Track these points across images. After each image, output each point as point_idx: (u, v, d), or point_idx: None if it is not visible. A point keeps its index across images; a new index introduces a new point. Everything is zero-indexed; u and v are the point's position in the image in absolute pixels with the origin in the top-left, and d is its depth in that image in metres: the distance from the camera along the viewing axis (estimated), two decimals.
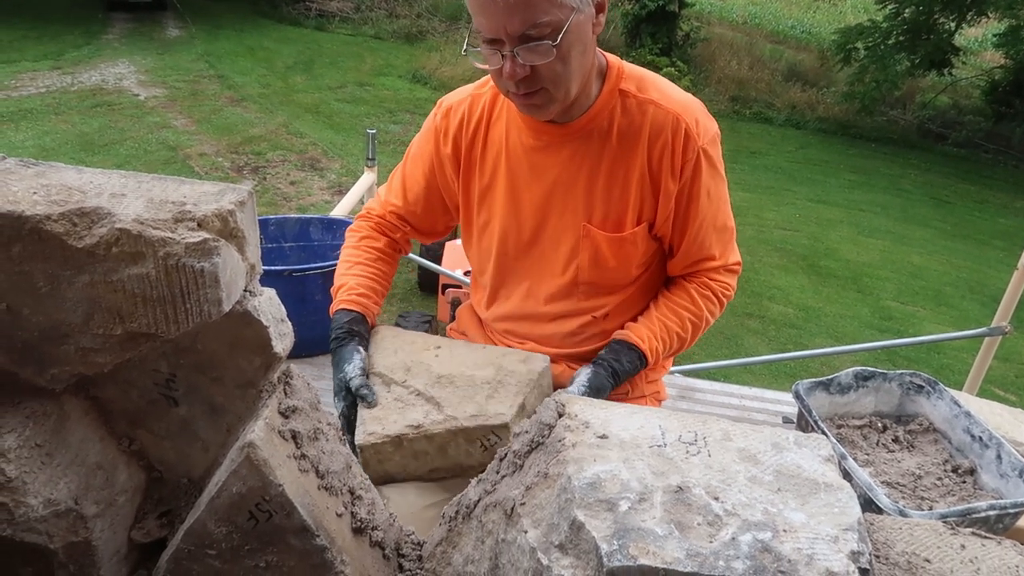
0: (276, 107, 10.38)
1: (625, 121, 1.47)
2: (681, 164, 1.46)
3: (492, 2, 1.24)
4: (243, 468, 0.91)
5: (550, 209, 1.55)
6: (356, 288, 1.60)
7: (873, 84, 13.03)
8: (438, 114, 1.65)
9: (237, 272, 0.91)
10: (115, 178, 0.91)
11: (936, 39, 13.14)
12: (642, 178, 1.48)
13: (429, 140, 1.65)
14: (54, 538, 0.94)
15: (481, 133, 1.58)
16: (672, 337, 1.58)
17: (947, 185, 11.46)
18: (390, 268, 1.71)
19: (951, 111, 15.03)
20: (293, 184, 7.65)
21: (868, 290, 7.04)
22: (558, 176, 1.52)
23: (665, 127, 1.45)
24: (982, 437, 1.66)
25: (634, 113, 1.47)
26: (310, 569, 0.96)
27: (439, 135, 1.63)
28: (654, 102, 1.46)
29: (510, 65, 1.31)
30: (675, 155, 1.45)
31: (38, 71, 10.93)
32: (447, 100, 1.65)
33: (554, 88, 1.36)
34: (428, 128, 1.67)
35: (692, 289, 1.60)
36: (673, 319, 1.58)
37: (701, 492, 0.83)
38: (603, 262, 1.54)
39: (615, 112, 1.47)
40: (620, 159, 1.48)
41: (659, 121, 1.45)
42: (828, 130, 13.66)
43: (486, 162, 1.59)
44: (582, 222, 1.53)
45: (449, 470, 1.38)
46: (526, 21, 1.26)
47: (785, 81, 15.01)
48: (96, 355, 0.89)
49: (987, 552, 0.91)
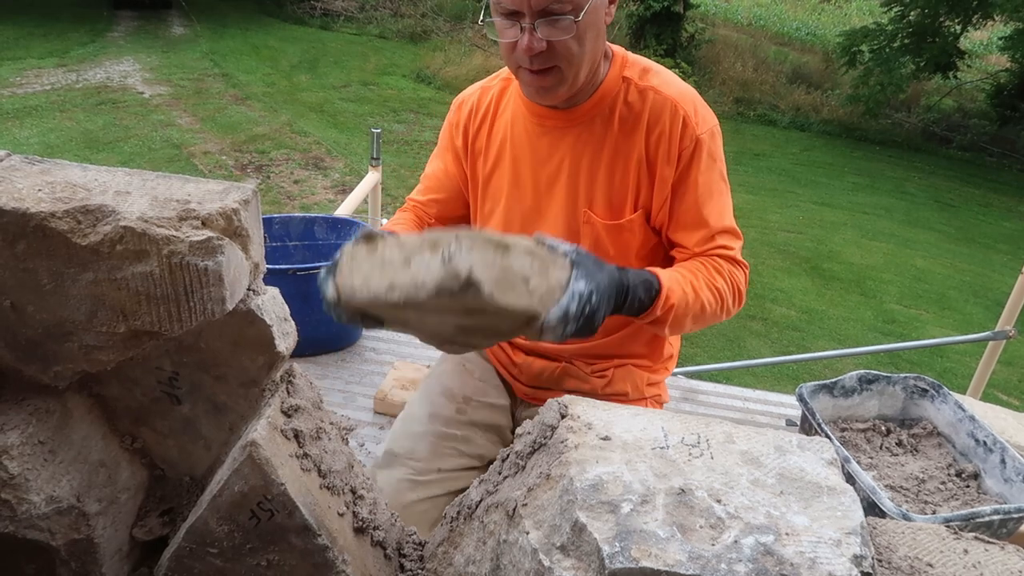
0: (280, 106, 10.39)
1: (626, 107, 1.48)
2: (678, 151, 1.46)
3: None
4: (245, 467, 0.91)
5: (552, 195, 1.57)
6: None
7: (878, 87, 13.00)
8: (453, 109, 1.71)
9: (241, 271, 0.91)
10: (120, 176, 0.92)
11: (941, 42, 13.10)
12: (639, 164, 1.49)
13: (446, 134, 1.72)
14: (56, 535, 0.94)
15: (488, 122, 1.62)
16: (688, 287, 1.39)
17: (951, 188, 11.43)
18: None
19: (956, 114, 15.00)
20: (297, 183, 7.66)
21: (872, 293, 7.03)
22: (561, 162, 1.54)
23: (663, 113, 1.46)
24: (986, 441, 1.65)
25: (635, 99, 1.48)
26: (312, 568, 0.96)
27: (453, 128, 1.70)
28: (654, 88, 1.48)
29: (528, 38, 1.33)
30: (672, 141, 1.46)
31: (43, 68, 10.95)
32: (461, 95, 1.72)
33: (567, 67, 1.38)
34: (445, 123, 1.74)
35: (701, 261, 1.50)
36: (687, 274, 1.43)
37: (704, 494, 0.83)
38: (603, 250, 1.54)
39: (618, 99, 1.49)
40: (621, 145, 1.49)
41: (658, 107, 1.46)
42: (832, 132, 13.64)
43: (491, 150, 1.62)
44: (583, 208, 1.54)
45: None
46: None
47: (789, 83, 14.99)
48: (100, 353, 0.89)
49: (990, 557, 0.91)
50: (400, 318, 1.19)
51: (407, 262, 1.10)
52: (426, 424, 1.65)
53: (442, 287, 1.06)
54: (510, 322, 1.15)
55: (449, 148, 1.71)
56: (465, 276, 1.06)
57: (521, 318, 1.13)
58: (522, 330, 1.17)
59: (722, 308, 1.47)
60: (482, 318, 1.13)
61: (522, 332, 1.18)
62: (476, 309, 1.10)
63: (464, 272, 1.06)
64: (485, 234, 1.14)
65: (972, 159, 13.28)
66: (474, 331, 1.20)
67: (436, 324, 1.19)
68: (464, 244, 1.10)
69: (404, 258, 1.11)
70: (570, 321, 1.12)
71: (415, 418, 1.68)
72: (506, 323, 1.15)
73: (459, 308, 1.10)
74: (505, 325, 1.17)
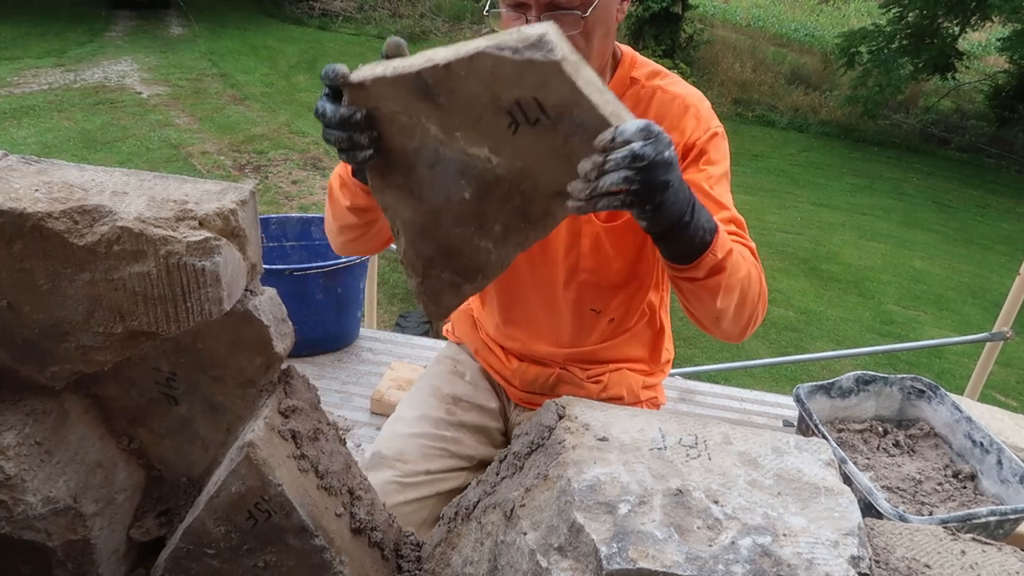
0: (279, 106, 10.38)
1: (631, 106, 1.46)
2: (685, 144, 1.43)
3: None
4: (242, 467, 0.91)
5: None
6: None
7: (876, 88, 13.02)
8: None
9: (238, 271, 0.91)
10: (117, 176, 0.91)
11: (940, 43, 13.13)
12: None
13: None
14: (53, 536, 0.94)
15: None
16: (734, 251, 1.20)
17: (949, 190, 11.45)
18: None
19: (954, 115, 15.02)
20: (295, 183, 7.65)
21: (869, 294, 7.04)
22: None
23: (670, 108, 1.44)
24: (983, 442, 1.65)
25: (641, 99, 1.46)
26: (309, 569, 0.96)
27: None
28: (662, 88, 1.46)
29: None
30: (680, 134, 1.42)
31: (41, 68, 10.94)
32: None
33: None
34: None
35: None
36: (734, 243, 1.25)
37: (701, 495, 0.83)
38: (602, 250, 1.52)
39: (624, 98, 1.46)
40: None
41: (665, 104, 1.45)
42: (831, 133, 13.66)
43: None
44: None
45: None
46: None
47: (788, 84, 15.02)
48: (96, 353, 0.89)
49: (987, 558, 0.91)
50: (413, 123, 0.94)
51: (456, 50, 0.90)
52: (415, 426, 1.64)
53: (504, 44, 0.85)
54: (562, 143, 0.91)
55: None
56: (538, 35, 0.86)
57: (583, 129, 0.90)
58: (570, 172, 0.92)
59: (760, 292, 1.29)
60: (525, 140, 0.92)
61: (564, 182, 0.93)
62: (528, 103, 0.88)
63: (538, 32, 0.86)
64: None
65: (970, 160, 13.31)
66: (496, 186, 0.97)
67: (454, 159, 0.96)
68: (538, 24, 0.89)
69: (452, 50, 0.90)
70: (651, 142, 0.91)
71: (404, 420, 1.67)
72: (557, 145, 0.91)
73: (507, 101, 0.89)
74: (550, 159, 0.92)
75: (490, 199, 0.99)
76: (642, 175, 0.91)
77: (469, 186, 0.98)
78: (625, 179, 0.90)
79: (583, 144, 0.91)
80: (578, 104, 0.88)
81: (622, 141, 0.89)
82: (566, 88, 0.87)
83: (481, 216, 1.00)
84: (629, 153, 0.89)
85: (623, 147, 0.90)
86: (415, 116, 0.94)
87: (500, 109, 0.90)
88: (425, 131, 0.96)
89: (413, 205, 1.03)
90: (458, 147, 0.96)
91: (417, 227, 1.04)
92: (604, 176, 0.91)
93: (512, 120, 0.91)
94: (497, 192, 0.98)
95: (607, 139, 0.90)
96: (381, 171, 1.00)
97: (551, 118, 0.90)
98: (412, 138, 0.97)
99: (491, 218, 1.00)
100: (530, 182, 0.96)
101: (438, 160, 0.98)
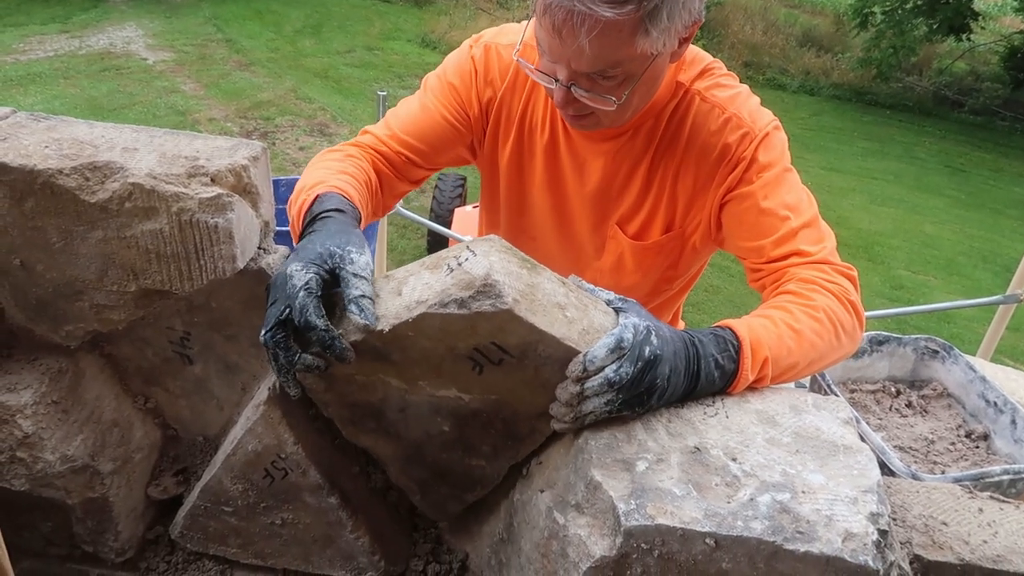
0: (284, 71, 10.29)
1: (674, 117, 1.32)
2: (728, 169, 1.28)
3: (570, 35, 1.04)
4: (259, 426, 0.91)
5: (582, 202, 1.40)
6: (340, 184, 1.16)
7: (890, 50, 12.80)
8: (476, 50, 1.39)
9: (251, 228, 0.90)
10: (127, 132, 0.90)
11: (955, 3, 12.87)
12: (677, 179, 1.32)
13: (456, 78, 1.40)
14: (71, 494, 0.94)
15: (522, 92, 1.38)
16: (780, 325, 1.05)
17: (962, 153, 11.31)
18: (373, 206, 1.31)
19: (968, 77, 14.78)
20: (302, 149, 7.61)
21: (880, 259, 6.99)
22: (595, 170, 1.37)
23: (705, 124, 1.28)
24: (997, 402, 1.65)
25: (677, 111, 1.31)
26: (325, 527, 0.97)
27: (474, 75, 1.39)
28: (701, 95, 1.29)
29: (562, 94, 1.15)
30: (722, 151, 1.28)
31: (46, 35, 10.84)
32: (492, 39, 1.39)
33: (608, 121, 1.22)
34: (461, 63, 1.40)
35: (787, 289, 1.18)
36: (772, 311, 1.10)
37: (719, 453, 0.82)
38: (624, 268, 1.43)
39: (667, 108, 1.31)
40: (659, 158, 1.33)
41: (700, 115, 1.29)
42: (842, 97, 13.46)
43: (523, 129, 1.41)
44: (612, 223, 1.40)
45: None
46: (596, 65, 1.09)
47: (799, 46, 14.76)
48: (111, 312, 0.89)
49: (1005, 516, 0.91)
50: (372, 380, 0.91)
51: (397, 292, 0.88)
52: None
53: (447, 296, 0.82)
54: (532, 375, 0.87)
55: (452, 95, 1.39)
56: (482, 278, 0.82)
57: (552, 360, 0.86)
58: (548, 396, 0.88)
59: (837, 334, 1.11)
60: (493, 377, 0.88)
61: (544, 405, 0.89)
62: (487, 348, 0.85)
63: (481, 274, 0.83)
64: (505, 243, 0.91)
65: (984, 123, 13.12)
66: (474, 418, 0.93)
67: (423, 402, 0.92)
68: (480, 249, 0.87)
69: (394, 288, 0.88)
70: (624, 361, 0.84)
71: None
72: (528, 378, 0.87)
73: (464, 349, 0.86)
74: (524, 389, 0.89)
75: (471, 427, 0.95)
76: (624, 394, 0.85)
77: (446, 421, 0.94)
78: (607, 402, 0.85)
79: (555, 372, 0.86)
80: (541, 340, 0.84)
81: (595, 369, 0.84)
82: (524, 330, 0.83)
83: (466, 441, 0.96)
84: (604, 381, 0.84)
85: (596, 375, 0.85)
86: (372, 375, 0.90)
87: (459, 356, 0.87)
88: (386, 384, 0.91)
89: (393, 443, 0.98)
90: (425, 392, 0.92)
91: (403, 459, 1.00)
92: (585, 402, 0.86)
93: (475, 363, 0.87)
94: (476, 422, 0.94)
95: (578, 372, 0.85)
96: (352, 420, 0.96)
97: (515, 356, 0.86)
98: (374, 392, 0.93)
99: (477, 442, 0.96)
100: (509, 410, 0.92)
101: (407, 405, 0.93)
